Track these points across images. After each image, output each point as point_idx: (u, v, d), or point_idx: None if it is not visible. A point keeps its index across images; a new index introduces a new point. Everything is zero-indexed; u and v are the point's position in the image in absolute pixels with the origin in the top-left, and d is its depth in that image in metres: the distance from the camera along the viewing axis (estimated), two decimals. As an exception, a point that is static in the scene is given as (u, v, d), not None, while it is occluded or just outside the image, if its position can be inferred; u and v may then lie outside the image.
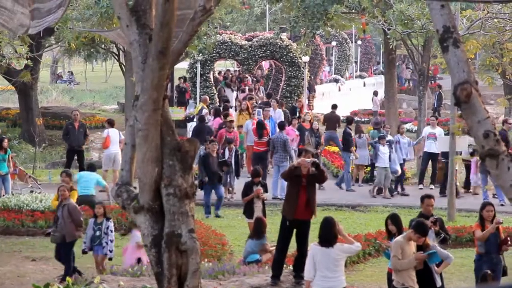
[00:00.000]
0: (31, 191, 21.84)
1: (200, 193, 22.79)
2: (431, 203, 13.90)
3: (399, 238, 12.09)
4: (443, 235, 13.43)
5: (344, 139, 25.86)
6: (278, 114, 29.63)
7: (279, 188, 23.46)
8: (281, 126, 24.89)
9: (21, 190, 22.25)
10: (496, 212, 14.31)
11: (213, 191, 22.08)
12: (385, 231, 13.43)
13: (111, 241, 15.33)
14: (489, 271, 13.43)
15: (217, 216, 21.77)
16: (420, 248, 11.96)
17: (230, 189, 23.73)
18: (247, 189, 18.48)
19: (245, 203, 18.35)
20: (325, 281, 11.52)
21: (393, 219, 13.10)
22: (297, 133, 26.39)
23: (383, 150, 24.16)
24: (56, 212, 15.83)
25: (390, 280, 12.56)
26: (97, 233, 15.30)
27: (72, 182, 17.56)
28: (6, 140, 22.24)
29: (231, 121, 26.10)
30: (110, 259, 15.40)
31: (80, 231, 15.64)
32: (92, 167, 20.12)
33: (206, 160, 22.05)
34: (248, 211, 18.03)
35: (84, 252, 15.64)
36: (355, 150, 25.84)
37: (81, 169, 25.80)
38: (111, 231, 15.34)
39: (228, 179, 23.53)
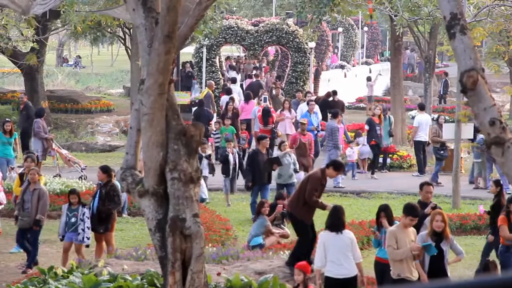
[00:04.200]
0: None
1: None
2: (430, 190, 13.74)
3: (392, 227, 11.90)
4: None
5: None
6: (304, 106, 27.94)
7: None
8: (335, 114, 24.54)
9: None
10: None
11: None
12: (376, 222, 13.11)
13: (88, 228, 14.88)
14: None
15: None
16: (439, 236, 11.78)
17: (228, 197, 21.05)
18: None
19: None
20: (339, 269, 11.44)
21: (386, 211, 12.87)
22: (367, 127, 26.09)
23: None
24: (23, 196, 15.54)
25: (377, 269, 12.48)
26: (72, 219, 14.86)
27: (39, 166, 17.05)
28: (10, 123, 22.40)
29: (304, 123, 23.16)
30: (87, 246, 15.10)
31: (44, 218, 15.56)
32: None
33: (254, 158, 19.70)
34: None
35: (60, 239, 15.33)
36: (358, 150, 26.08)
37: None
38: (88, 218, 14.87)
39: (229, 185, 21.15)
